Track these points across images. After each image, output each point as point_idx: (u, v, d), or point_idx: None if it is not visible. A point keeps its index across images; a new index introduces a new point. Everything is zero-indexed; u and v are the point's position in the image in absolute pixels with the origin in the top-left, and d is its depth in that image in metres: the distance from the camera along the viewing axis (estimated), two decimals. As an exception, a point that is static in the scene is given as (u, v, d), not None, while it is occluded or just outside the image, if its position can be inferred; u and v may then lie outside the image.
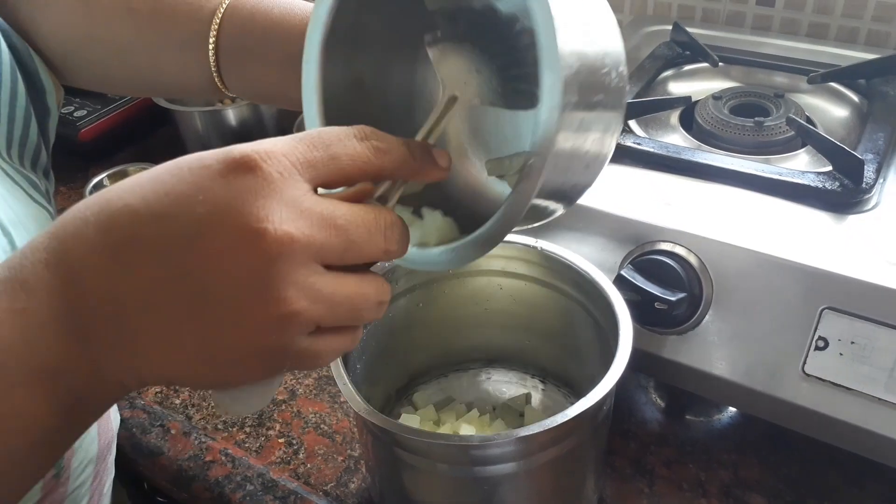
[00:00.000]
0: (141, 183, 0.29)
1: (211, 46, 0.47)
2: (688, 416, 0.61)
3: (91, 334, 0.29)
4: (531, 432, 0.40)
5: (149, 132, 1.03)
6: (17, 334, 0.28)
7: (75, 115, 0.95)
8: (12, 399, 0.28)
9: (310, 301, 0.29)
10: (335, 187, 0.32)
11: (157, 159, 0.45)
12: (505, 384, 0.63)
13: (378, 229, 0.31)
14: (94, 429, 0.52)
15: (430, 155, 0.35)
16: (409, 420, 0.56)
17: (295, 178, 0.29)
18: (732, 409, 0.61)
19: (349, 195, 0.32)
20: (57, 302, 0.28)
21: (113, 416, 0.57)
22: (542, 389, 0.62)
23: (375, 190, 0.34)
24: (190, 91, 0.52)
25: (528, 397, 0.61)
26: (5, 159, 0.46)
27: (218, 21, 0.47)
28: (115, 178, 0.90)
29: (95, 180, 0.89)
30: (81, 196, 0.88)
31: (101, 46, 0.49)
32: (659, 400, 0.63)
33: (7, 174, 0.45)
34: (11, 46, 0.47)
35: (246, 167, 0.28)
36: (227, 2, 0.47)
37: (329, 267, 0.30)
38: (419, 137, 0.36)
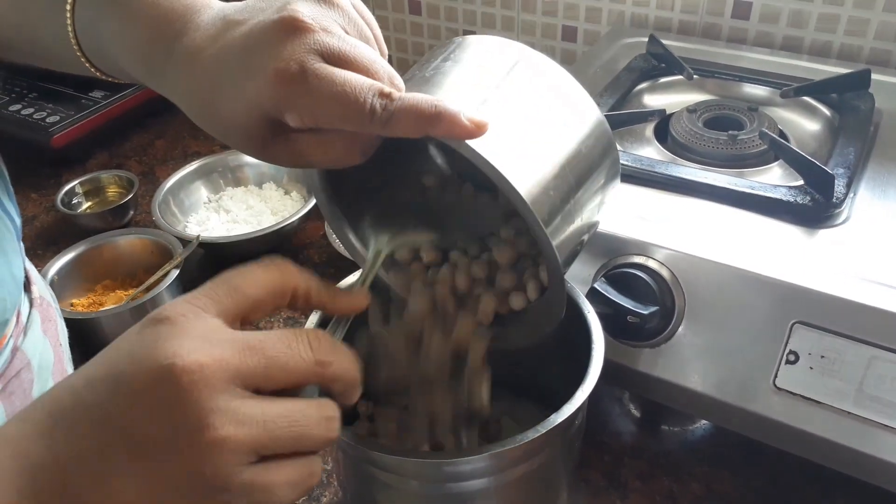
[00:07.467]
0: (89, 363, 0.30)
1: (68, 8, 0.39)
2: (663, 427, 0.62)
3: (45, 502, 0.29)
4: (503, 448, 0.40)
5: (123, 138, 1.01)
6: None
7: (47, 120, 0.94)
8: None
9: (237, 425, 0.28)
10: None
11: (130, 166, 0.43)
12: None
13: (299, 340, 0.31)
14: None
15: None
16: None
17: (204, 317, 0.30)
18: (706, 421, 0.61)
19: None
20: (15, 483, 0.28)
21: None
22: (514, 400, 0.61)
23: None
24: (65, 62, 0.41)
25: (499, 407, 0.61)
26: None
27: None
28: (87, 185, 0.89)
29: (67, 187, 0.87)
30: (52, 203, 0.87)
31: None
32: (634, 411, 0.63)
33: None
34: None
35: (158, 320, 0.30)
36: None
37: (262, 392, 0.30)
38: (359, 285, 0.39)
